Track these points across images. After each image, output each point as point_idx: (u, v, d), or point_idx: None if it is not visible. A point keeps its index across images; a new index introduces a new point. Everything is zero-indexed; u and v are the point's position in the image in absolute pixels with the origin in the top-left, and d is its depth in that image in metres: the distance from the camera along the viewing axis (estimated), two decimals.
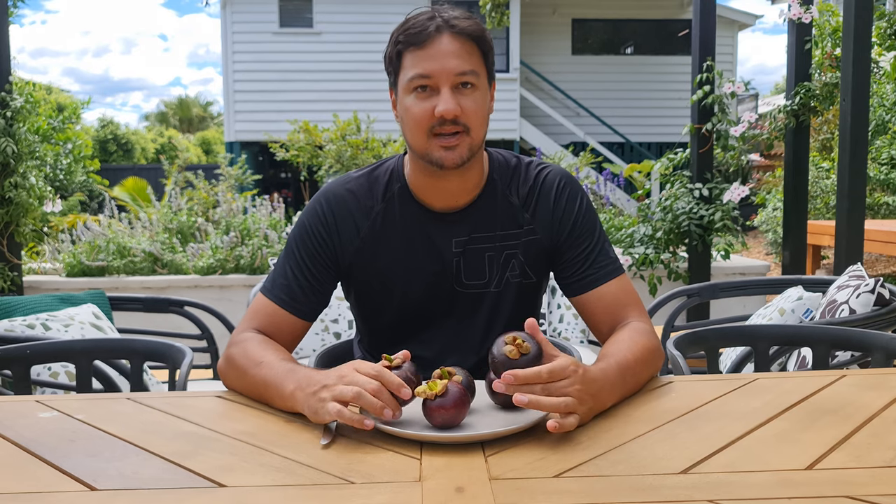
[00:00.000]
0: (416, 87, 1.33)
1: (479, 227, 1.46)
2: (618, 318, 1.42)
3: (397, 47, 1.35)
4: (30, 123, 4.39)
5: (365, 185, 1.48)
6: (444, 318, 1.49)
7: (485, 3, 6.45)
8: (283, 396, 1.20)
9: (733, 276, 4.79)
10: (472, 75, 1.34)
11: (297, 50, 13.34)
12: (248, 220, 5.01)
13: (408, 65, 1.34)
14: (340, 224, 1.45)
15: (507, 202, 1.48)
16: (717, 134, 4.59)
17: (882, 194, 8.50)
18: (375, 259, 1.46)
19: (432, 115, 1.32)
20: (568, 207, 1.47)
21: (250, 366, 1.29)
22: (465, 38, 1.34)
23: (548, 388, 1.06)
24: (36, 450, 1.06)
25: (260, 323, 1.41)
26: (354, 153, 7.34)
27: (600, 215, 5.31)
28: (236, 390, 1.34)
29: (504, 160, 1.52)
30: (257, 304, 1.43)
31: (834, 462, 0.96)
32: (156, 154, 22.28)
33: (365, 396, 1.07)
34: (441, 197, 1.45)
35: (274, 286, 1.43)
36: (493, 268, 1.47)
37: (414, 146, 1.38)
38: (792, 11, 4.29)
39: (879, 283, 2.14)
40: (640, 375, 1.28)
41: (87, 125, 18.96)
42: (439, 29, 1.32)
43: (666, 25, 14.81)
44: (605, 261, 1.46)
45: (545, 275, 1.53)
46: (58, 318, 2.35)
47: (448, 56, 1.32)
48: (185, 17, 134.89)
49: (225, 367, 1.36)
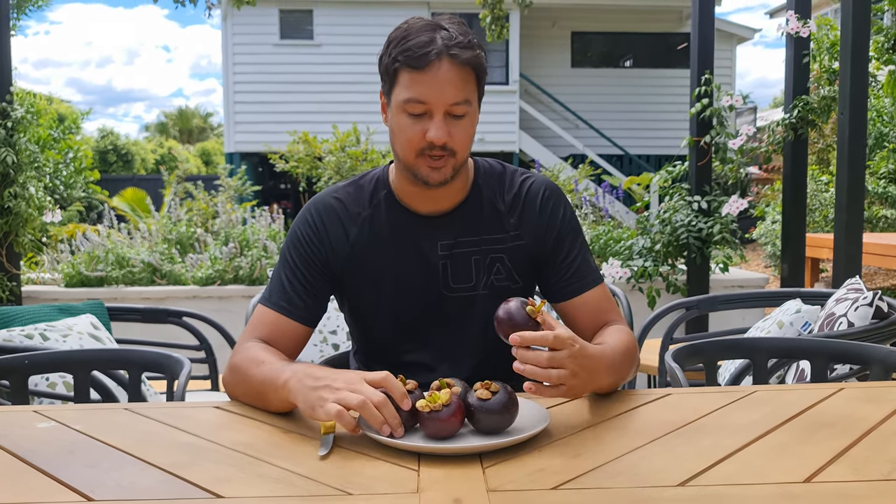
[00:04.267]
0: (410, 109, 1.36)
1: (465, 230, 1.49)
2: (600, 322, 1.49)
3: (395, 63, 1.36)
4: (30, 134, 4.40)
5: (352, 194, 1.51)
6: (436, 325, 1.51)
7: (484, 16, 6.47)
8: (276, 388, 1.21)
9: (732, 288, 4.79)
10: (465, 105, 1.37)
11: (298, 62, 13.39)
12: (247, 231, 5.01)
13: (403, 83, 1.35)
14: (331, 231, 1.48)
15: (493, 207, 1.51)
16: (716, 147, 4.60)
17: (880, 207, 8.52)
18: (366, 265, 1.48)
19: (423, 137, 1.36)
20: (553, 216, 1.51)
21: (251, 367, 1.30)
22: (464, 66, 1.36)
23: (553, 357, 1.12)
24: (33, 460, 1.05)
25: (262, 333, 1.42)
26: (354, 164, 7.35)
27: (599, 227, 5.31)
28: (239, 398, 1.35)
29: (489, 167, 1.56)
30: (258, 316, 1.45)
31: (832, 475, 0.96)
32: (155, 165, 22.30)
33: (368, 407, 1.07)
34: (426, 202, 1.48)
35: (272, 295, 1.45)
36: (480, 271, 1.49)
37: (402, 159, 1.42)
38: (790, 25, 4.31)
39: (878, 297, 2.14)
40: (624, 370, 1.34)
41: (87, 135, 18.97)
42: (439, 55, 1.33)
43: (665, 39, 14.89)
44: (588, 269, 1.51)
45: (532, 281, 1.55)
46: (56, 329, 2.35)
47: (445, 85, 1.34)
48: (187, 28, 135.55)
49: (228, 376, 1.37)
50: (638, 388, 1.39)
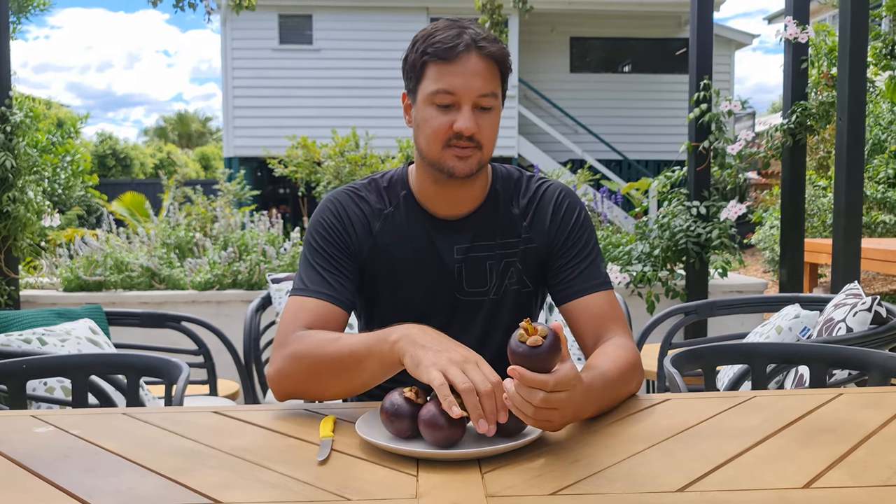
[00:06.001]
0: (438, 101, 1.37)
1: (481, 235, 1.49)
2: (602, 330, 1.43)
3: (423, 57, 1.38)
4: (29, 138, 4.40)
5: (373, 191, 1.52)
6: (444, 327, 1.50)
7: (483, 21, 6.49)
8: (380, 351, 1.20)
9: (731, 293, 4.79)
10: (492, 97, 1.39)
11: (297, 66, 13.39)
12: (246, 236, 5.01)
13: (432, 76, 1.37)
14: (354, 221, 1.48)
15: (508, 212, 1.51)
16: (715, 152, 4.60)
17: (879, 213, 8.53)
18: (386, 262, 1.49)
19: (450, 128, 1.37)
20: (565, 217, 1.51)
21: (325, 346, 1.28)
22: (491, 60, 1.38)
23: (547, 398, 1.04)
24: (31, 465, 1.05)
25: (306, 322, 1.36)
26: (353, 169, 7.35)
27: (598, 232, 5.31)
28: (301, 388, 1.31)
29: (507, 172, 1.56)
30: (296, 306, 1.39)
31: (831, 480, 0.96)
32: (154, 169, 22.29)
33: (472, 395, 1.06)
34: (445, 205, 1.49)
35: (310, 283, 1.41)
36: (493, 275, 1.50)
37: (427, 154, 1.41)
38: (788, 31, 4.32)
39: (876, 302, 2.15)
40: (621, 390, 1.30)
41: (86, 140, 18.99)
42: (468, 47, 1.36)
43: (663, 44, 14.91)
44: (596, 273, 1.48)
45: (541, 283, 1.55)
46: (54, 333, 2.35)
47: (474, 76, 1.36)
48: (188, 32, 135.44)
49: (288, 366, 1.31)
50: (637, 394, 1.39)
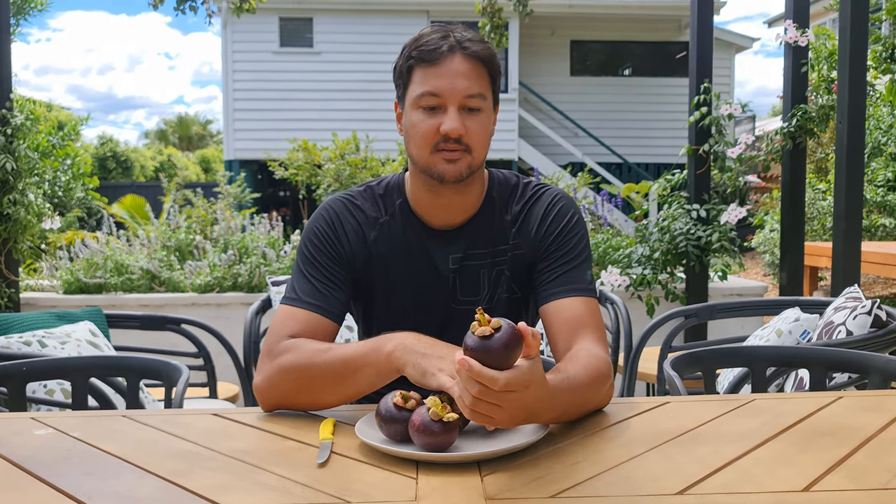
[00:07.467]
0: (424, 103, 1.36)
1: (475, 244, 1.48)
2: (575, 335, 1.36)
3: (409, 62, 1.38)
4: (30, 141, 4.40)
5: (369, 199, 1.51)
6: (438, 335, 1.49)
7: (484, 24, 6.50)
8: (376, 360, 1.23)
9: (731, 297, 4.78)
10: (480, 98, 1.37)
11: (297, 69, 13.40)
12: (246, 239, 5.01)
13: (417, 80, 1.37)
14: (348, 230, 1.47)
15: (502, 220, 1.50)
16: (715, 155, 4.61)
17: (879, 216, 8.52)
18: (381, 271, 1.48)
19: (437, 131, 1.36)
20: (554, 221, 1.47)
21: (316, 356, 1.28)
22: (476, 60, 1.37)
23: (484, 391, 1.00)
24: (30, 467, 1.05)
25: (293, 332, 1.36)
26: (353, 172, 7.36)
27: (598, 235, 5.31)
28: (289, 400, 1.31)
29: (504, 179, 1.54)
30: (285, 315, 1.39)
31: (831, 484, 0.96)
32: (155, 172, 22.29)
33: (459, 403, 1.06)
34: (440, 214, 1.47)
35: (301, 293, 1.41)
36: (486, 284, 1.49)
37: (417, 160, 1.41)
38: (788, 35, 4.32)
39: (876, 305, 2.15)
40: (588, 399, 1.25)
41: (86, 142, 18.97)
42: (452, 49, 1.36)
43: (664, 47, 14.92)
44: (579, 278, 1.43)
45: (530, 290, 1.53)
46: (54, 336, 2.34)
47: (458, 76, 1.35)
48: (190, 35, 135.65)
49: (276, 377, 1.30)
50: (637, 397, 1.39)
